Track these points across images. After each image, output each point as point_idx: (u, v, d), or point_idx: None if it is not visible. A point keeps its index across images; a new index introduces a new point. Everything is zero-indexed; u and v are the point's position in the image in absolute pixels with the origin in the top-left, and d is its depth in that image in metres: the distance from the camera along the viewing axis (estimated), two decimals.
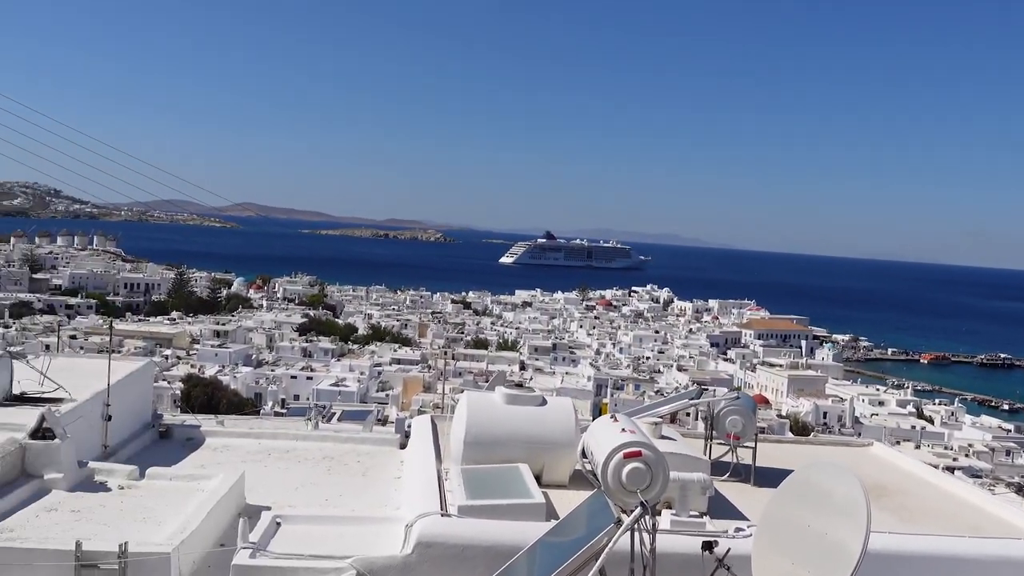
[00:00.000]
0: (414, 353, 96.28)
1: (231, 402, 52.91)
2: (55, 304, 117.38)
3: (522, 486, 8.23)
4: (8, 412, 10.42)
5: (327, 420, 26.42)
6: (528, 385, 10.35)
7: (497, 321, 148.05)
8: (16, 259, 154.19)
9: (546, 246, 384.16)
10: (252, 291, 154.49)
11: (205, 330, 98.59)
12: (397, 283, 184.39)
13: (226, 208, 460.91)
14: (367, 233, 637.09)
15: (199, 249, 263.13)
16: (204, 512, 8.45)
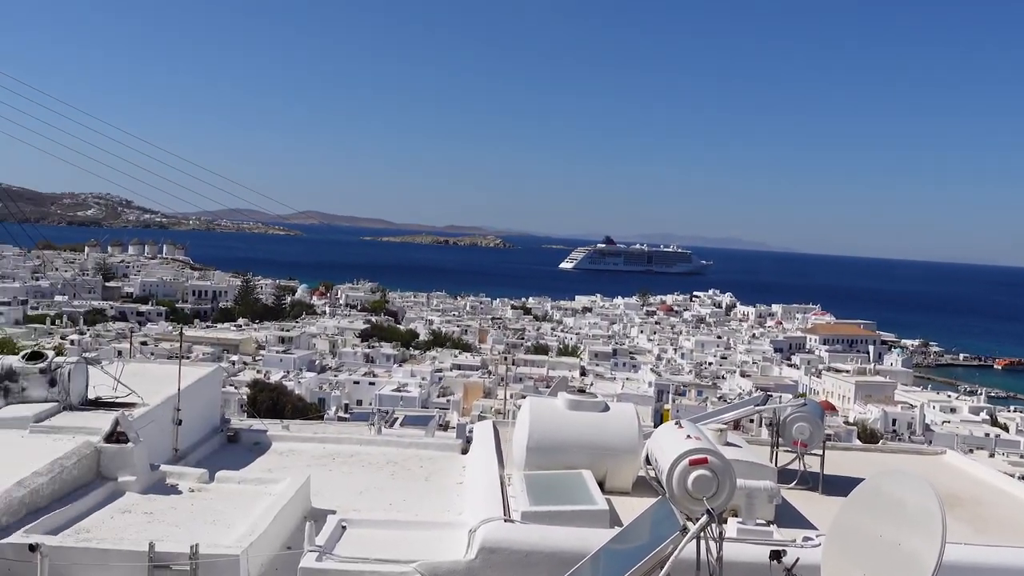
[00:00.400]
0: (474, 359, 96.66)
1: (295, 407, 53.71)
2: (127, 311, 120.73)
3: (585, 492, 8.19)
4: (84, 416, 10.73)
5: (389, 425, 26.65)
6: (590, 391, 10.31)
7: (557, 327, 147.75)
8: (90, 268, 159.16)
9: (606, 251, 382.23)
10: (315, 298, 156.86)
11: (270, 336, 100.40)
12: (457, 289, 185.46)
13: (290, 216, 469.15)
14: (427, 239, 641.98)
15: (264, 257, 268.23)
16: (272, 515, 8.59)
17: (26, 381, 10.89)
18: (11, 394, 10.88)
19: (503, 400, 61.79)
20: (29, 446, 9.77)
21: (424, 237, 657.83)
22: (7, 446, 9.73)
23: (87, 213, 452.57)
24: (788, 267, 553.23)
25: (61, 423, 10.42)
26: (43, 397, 10.89)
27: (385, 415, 28.70)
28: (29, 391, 10.88)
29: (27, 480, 8.53)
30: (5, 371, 10.92)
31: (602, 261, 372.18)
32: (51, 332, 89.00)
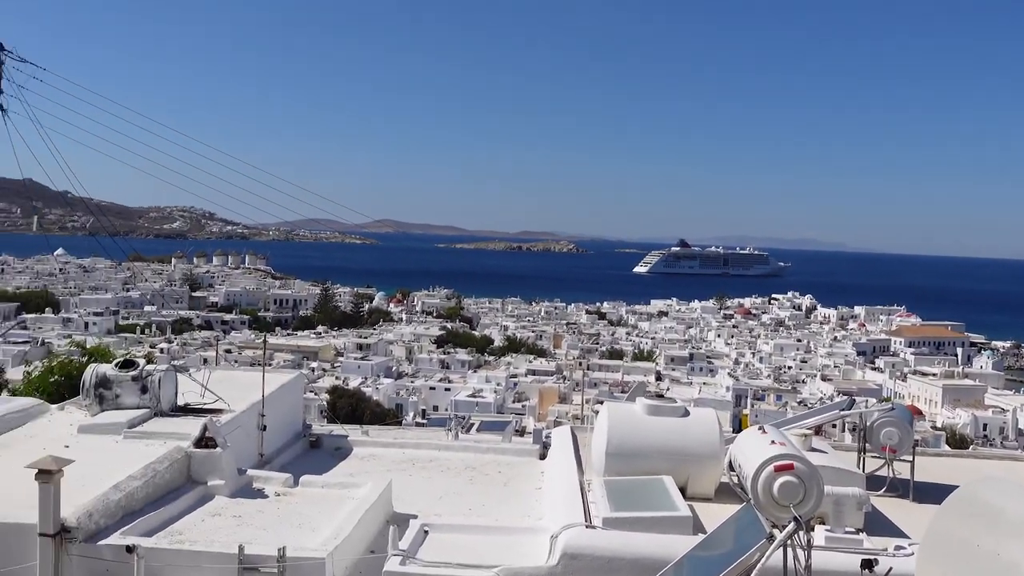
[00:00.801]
0: (549, 364, 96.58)
1: (374, 413, 54.47)
2: (212, 320, 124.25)
3: (667, 498, 8.11)
4: (174, 422, 11.08)
5: (466, 431, 26.80)
6: (669, 396, 10.20)
7: (632, 331, 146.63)
8: (177, 279, 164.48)
9: (680, 254, 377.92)
10: (392, 305, 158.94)
11: (349, 343, 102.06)
12: (531, 295, 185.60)
13: (366, 225, 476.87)
14: (501, 246, 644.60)
15: (341, 265, 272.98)
16: (355, 519, 8.73)
17: (120, 388, 11.30)
18: (106, 401, 11.29)
19: (580, 405, 61.59)
20: (124, 451, 10.13)
21: (497, 243, 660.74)
22: (103, 451, 10.11)
23: (172, 226, 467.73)
24: (868, 267, 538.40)
25: (153, 429, 10.78)
26: (136, 404, 11.28)
27: (462, 421, 28.75)
28: (123, 398, 11.28)
29: (123, 484, 8.84)
30: (100, 379, 11.35)
31: (677, 264, 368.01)
32: (141, 341, 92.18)
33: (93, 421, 11.04)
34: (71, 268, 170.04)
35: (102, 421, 10.96)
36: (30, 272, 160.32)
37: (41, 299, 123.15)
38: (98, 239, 32.20)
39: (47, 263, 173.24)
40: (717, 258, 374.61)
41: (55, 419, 11.88)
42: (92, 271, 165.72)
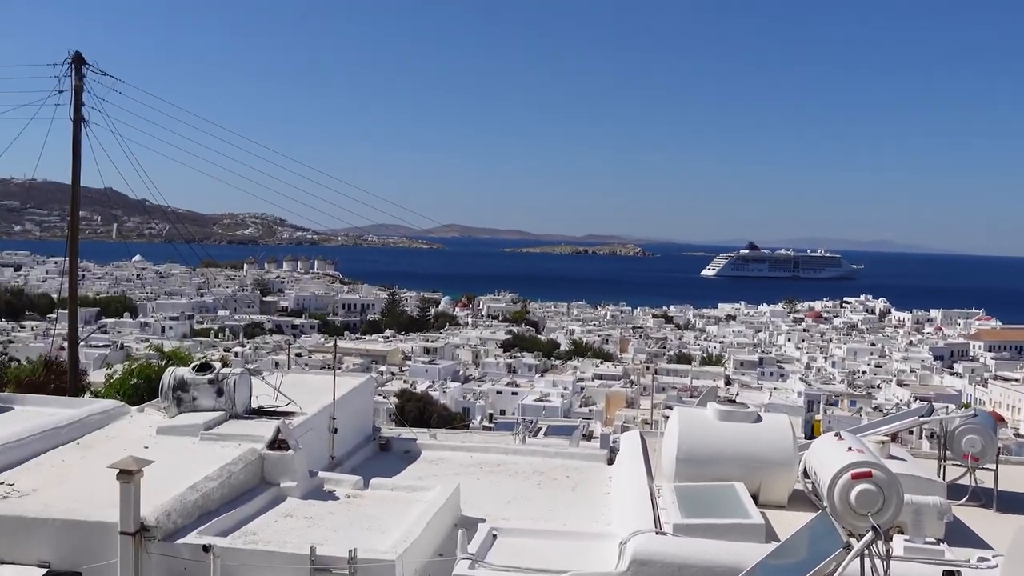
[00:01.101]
0: (616, 368, 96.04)
1: (441, 416, 54.84)
2: (283, 324, 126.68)
3: (739, 505, 7.97)
4: (248, 424, 11.31)
5: (533, 435, 26.79)
6: (740, 401, 10.04)
7: (700, 335, 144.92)
8: (249, 284, 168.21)
9: (749, 257, 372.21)
10: (458, 309, 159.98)
11: (416, 347, 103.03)
12: (597, 298, 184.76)
13: (432, 230, 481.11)
14: (566, 250, 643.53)
15: (408, 270, 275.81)
16: (424, 522, 8.78)
17: (196, 391, 11.58)
18: (183, 403, 11.59)
19: (648, 410, 61.06)
20: (200, 452, 10.37)
21: (563, 247, 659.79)
22: (181, 452, 10.37)
23: (245, 232, 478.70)
24: (945, 269, 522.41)
25: (228, 431, 11.01)
26: (211, 406, 11.54)
27: (529, 425, 28.77)
28: (199, 400, 11.56)
29: (199, 484, 9.05)
30: (178, 382, 11.65)
31: (745, 267, 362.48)
32: (215, 345, 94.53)
33: (171, 423, 11.33)
34: (148, 274, 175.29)
35: (180, 423, 11.25)
36: (109, 278, 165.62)
37: (120, 304, 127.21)
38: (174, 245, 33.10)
39: (126, 269, 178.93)
40: (787, 261, 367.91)
41: (135, 421, 12.23)
42: (168, 277, 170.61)
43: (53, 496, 8.98)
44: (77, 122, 23.07)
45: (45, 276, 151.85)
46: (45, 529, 8.28)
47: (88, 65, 23.37)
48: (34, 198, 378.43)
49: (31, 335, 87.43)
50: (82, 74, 23.16)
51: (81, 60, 23.32)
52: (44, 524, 8.30)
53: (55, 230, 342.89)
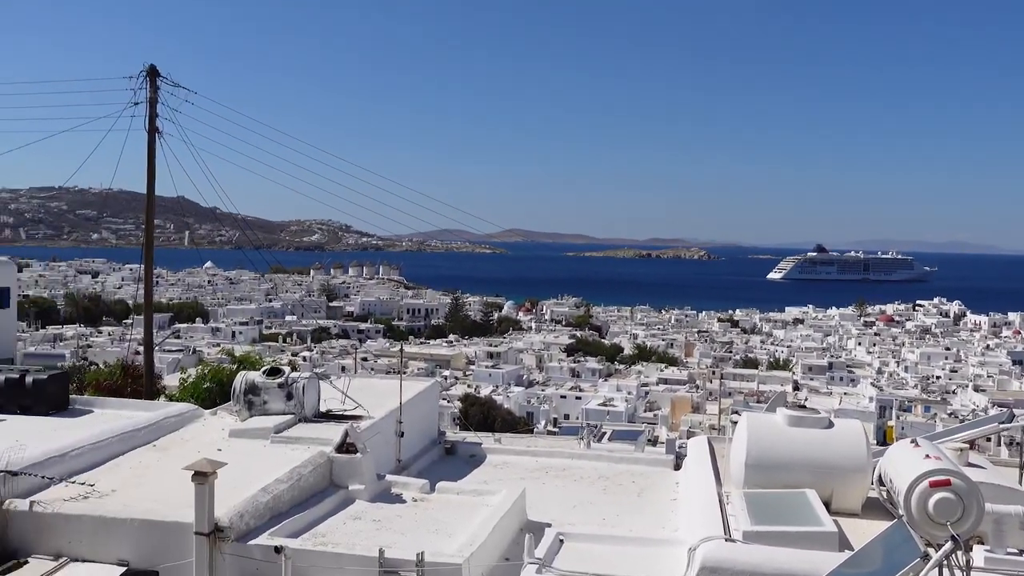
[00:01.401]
0: (681, 373, 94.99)
1: (505, 420, 54.93)
2: (348, 329, 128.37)
3: (810, 513, 7.80)
4: (317, 428, 11.49)
5: (598, 439, 26.63)
6: (811, 406, 9.84)
7: (767, 339, 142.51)
8: (315, 289, 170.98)
9: (817, 260, 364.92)
10: (521, 313, 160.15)
11: (479, 351, 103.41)
12: (661, 302, 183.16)
13: (495, 235, 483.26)
14: (629, 253, 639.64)
15: (471, 275, 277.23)
16: (490, 526, 8.81)
17: (267, 395, 11.82)
18: (254, 407, 11.83)
19: (714, 415, 60.30)
20: (271, 455, 10.57)
21: (626, 251, 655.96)
22: (252, 455, 10.58)
23: (311, 238, 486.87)
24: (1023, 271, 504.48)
25: (297, 434, 11.21)
26: (281, 409, 11.77)
27: (594, 429, 28.62)
28: (270, 404, 11.79)
29: (270, 487, 9.22)
30: (249, 386, 11.90)
31: (813, 270, 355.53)
32: (283, 350, 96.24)
33: (243, 426, 11.58)
34: (219, 280, 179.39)
35: (251, 426, 11.49)
36: (182, 284, 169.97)
37: (192, 309, 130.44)
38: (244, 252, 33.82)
39: (197, 275, 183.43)
40: (857, 263, 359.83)
41: (208, 424, 12.53)
42: (238, 283, 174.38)
43: (131, 497, 9.25)
44: (152, 133, 23.75)
45: (121, 283, 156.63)
46: (124, 529, 8.54)
47: (162, 77, 24.06)
48: (110, 207, 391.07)
49: (108, 340, 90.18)
50: (156, 86, 23.85)
51: (155, 73, 24.02)
52: (123, 524, 8.56)
53: (130, 238, 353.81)
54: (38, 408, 12.45)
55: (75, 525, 8.64)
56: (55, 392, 12.85)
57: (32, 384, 12.53)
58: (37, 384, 12.56)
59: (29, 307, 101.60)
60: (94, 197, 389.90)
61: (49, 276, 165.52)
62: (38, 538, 8.72)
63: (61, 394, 13.06)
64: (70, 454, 10.12)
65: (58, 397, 12.91)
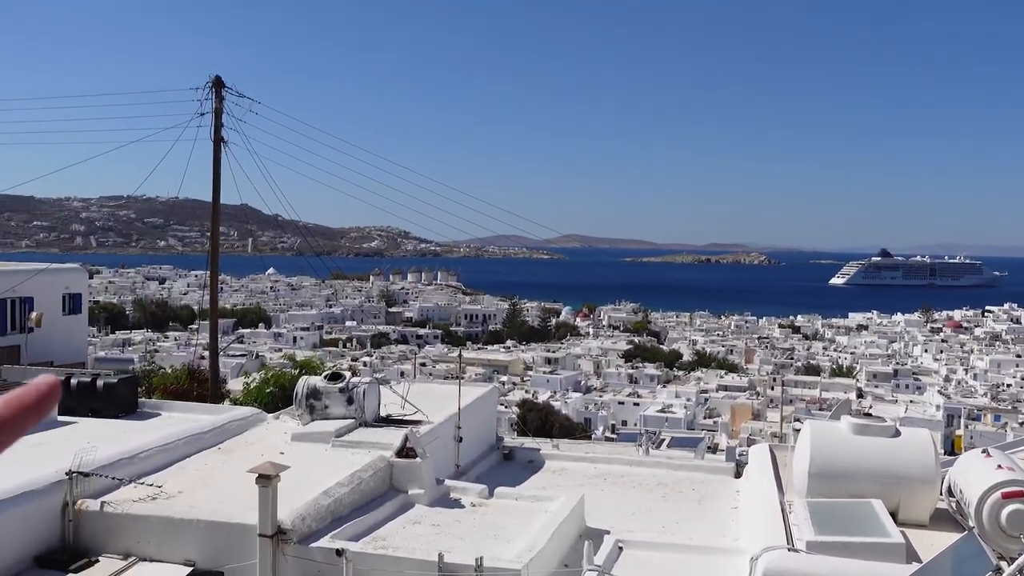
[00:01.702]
0: (741, 379, 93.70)
1: (562, 426, 54.76)
2: (407, 334, 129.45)
3: (877, 523, 7.63)
4: (377, 432, 11.61)
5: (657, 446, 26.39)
6: (876, 414, 9.62)
7: (829, 346, 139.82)
8: (375, 295, 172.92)
9: (881, 264, 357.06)
10: (579, 319, 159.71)
11: (537, 357, 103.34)
12: (721, 308, 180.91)
13: (553, 240, 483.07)
14: (688, 259, 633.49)
15: (529, 280, 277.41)
16: (549, 532, 8.79)
17: (328, 399, 11.99)
18: (316, 411, 12.01)
19: (776, 423, 59.33)
20: (332, 458, 10.72)
21: (685, 256, 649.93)
22: (314, 458, 10.74)
23: (371, 245, 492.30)
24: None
25: (358, 438, 11.35)
26: (342, 414, 11.92)
27: (652, 436, 28.39)
28: (331, 408, 11.96)
29: (332, 490, 9.35)
30: (311, 390, 12.08)
31: (878, 275, 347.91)
32: (343, 355, 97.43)
33: (304, 430, 11.76)
34: (281, 286, 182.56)
35: (313, 430, 11.66)
36: (245, 290, 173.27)
37: (255, 315, 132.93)
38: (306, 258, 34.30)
39: (260, 282, 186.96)
40: (923, 268, 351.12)
41: (271, 427, 12.75)
42: (299, 289, 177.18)
43: (198, 498, 9.46)
44: (217, 142, 24.29)
45: (187, 289, 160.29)
46: (191, 529, 8.73)
47: (227, 88, 24.60)
48: (176, 215, 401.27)
49: (174, 345, 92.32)
50: (222, 97, 24.39)
51: (221, 84, 24.56)
52: (190, 525, 8.75)
53: (195, 245, 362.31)
54: (108, 411, 12.81)
55: (143, 525, 8.86)
56: (125, 395, 13.20)
57: (103, 387, 12.89)
58: (108, 388, 12.92)
59: (99, 312, 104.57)
60: (161, 205, 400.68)
61: (118, 282, 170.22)
62: (108, 538, 8.96)
63: (130, 397, 13.42)
64: (139, 456, 10.39)
65: (127, 400, 13.27)
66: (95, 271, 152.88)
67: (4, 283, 26.50)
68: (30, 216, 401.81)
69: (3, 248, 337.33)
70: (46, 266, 30.34)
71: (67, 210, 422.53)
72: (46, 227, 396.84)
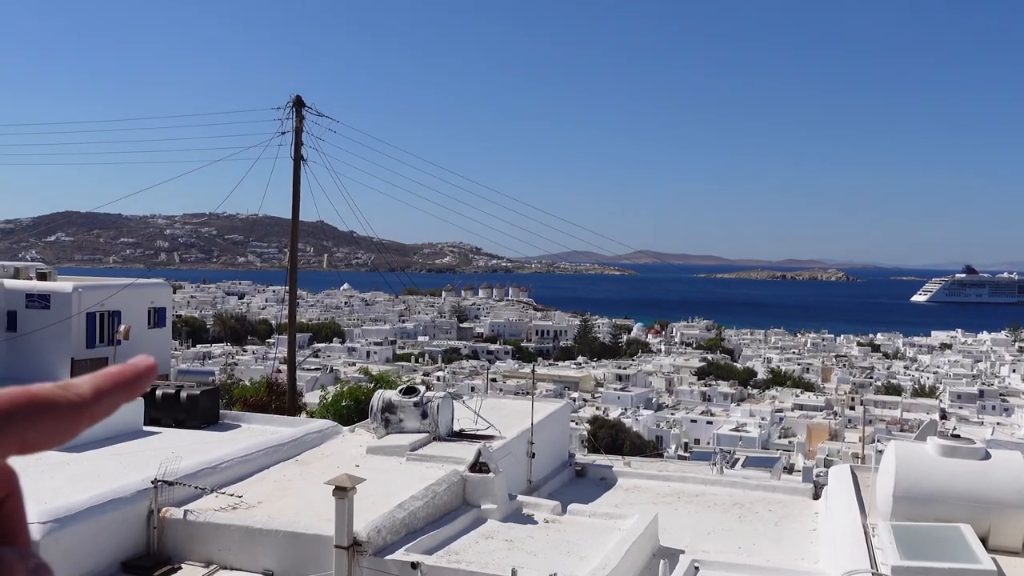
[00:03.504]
0: (817, 399, 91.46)
1: (633, 444, 54.23)
2: (478, 350, 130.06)
3: (965, 549, 7.35)
4: (451, 446, 11.69)
5: (731, 465, 25.92)
6: (966, 436, 9.28)
7: (911, 365, 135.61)
8: (446, 310, 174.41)
9: (966, 281, 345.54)
10: (650, 336, 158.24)
11: (608, 374, 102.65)
12: (797, 325, 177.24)
13: (624, 256, 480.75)
14: (763, 275, 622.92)
15: (600, 296, 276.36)
16: (623, 550, 8.71)
17: (403, 413, 12.12)
18: (391, 424, 12.15)
19: (855, 443, 57.76)
20: (406, 472, 10.82)
21: (759, 272, 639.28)
22: (389, 471, 10.86)
23: (443, 261, 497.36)
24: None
25: (432, 452, 11.44)
26: (416, 428, 12.04)
27: (727, 455, 27.96)
28: (405, 422, 12.09)
29: (406, 503, 9.43)
30: (386, 404, 12.24)
31: (962, 293, 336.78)
32: (415, 369, 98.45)
33: (380, 443, 11.90)
34: (355, 301, 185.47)
35: (388, 443, 11.80)
36: (320, 305, 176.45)
37: (329, 330, 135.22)
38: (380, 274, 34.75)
39: (335, 297, 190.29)
40: (1010, 285, 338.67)
41: (347, 440, 12.95)
42: (373, 304, 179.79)
43: (276, 508, 9.65)
44: (297, 160, 24.85)
45: (265, 304, 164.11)
46: (269, 539, 8.90)
47: (307, 107, 25.18)
48: (256, 231, 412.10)
49: (252, 358, 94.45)
50: (302, 116, 24.97)
51: (301, 103, 25.16)
52: (269, 535, 8.93)
53: (273, 260, 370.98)
54: (191, 422, 13.18)
55: (224, 534, 9.07)
56: (207, 407, 13.57)
57: (186, 399, 13.27)
58: (191, 399, 13.29)
59: (181, 326, 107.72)
60: (241, 222, 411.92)
61: (199, 297, 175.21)
62: (190, 545, 9.20)
63: (212, 409, 13.78)
64: (221, 466, 10.65)
65: (210, 412, 13.63)
66: (178, 286, 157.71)
67: (94, 297, 27.55)
68: (117, 233, 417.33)
69: (92, 263, 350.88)
70: (133, 281, 31.43)
71: (152, 227, 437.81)
72: (132, 243, 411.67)
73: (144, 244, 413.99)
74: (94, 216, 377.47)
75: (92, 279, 34.20)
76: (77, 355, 27.07)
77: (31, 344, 27.13)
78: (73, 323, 27.08)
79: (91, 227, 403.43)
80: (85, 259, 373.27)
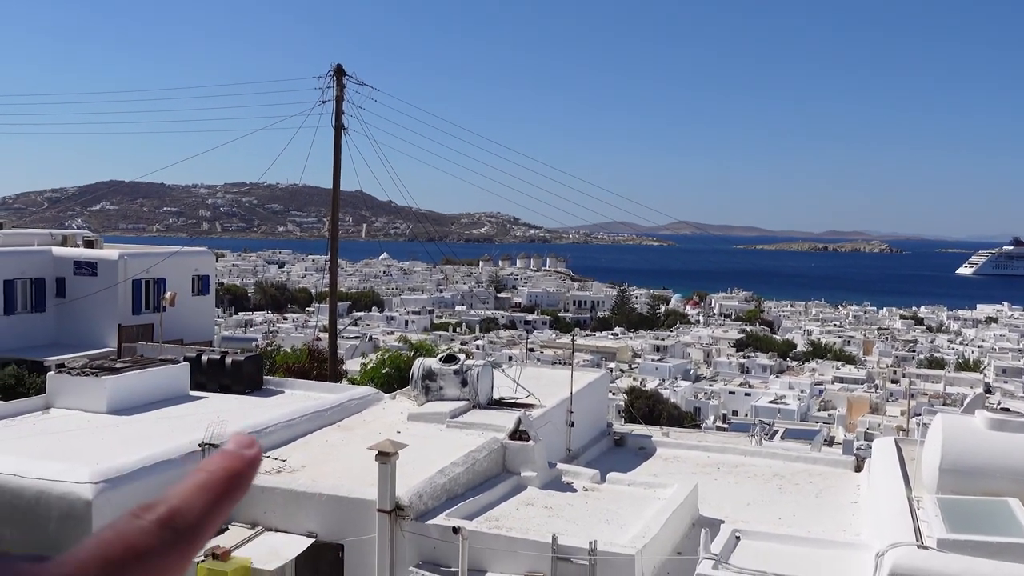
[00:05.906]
0: (859, 371, 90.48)
1: (671, 415, 54.11)
2: (516, 319, 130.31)
3: (1014, 523, 7.25)
4: (490, 414, 11.76)
5: (770, 437, 25.80)
6: (1015, 410, 9.13)
7: (955, 338, 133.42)
8: (484, 280, 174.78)
9: (1014, 254, 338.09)
10: (689, 307, 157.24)
11: (645, 345, 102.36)
12: (838, 298, 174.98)
13: (664, 227, 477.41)
14: (804, 247, 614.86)
15: (638, 267, 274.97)
16: (662, 519, 8.73)
17: (443, 381, 12.20)
18: (431, 392, 12.24)
19: (896, 416, 57.11)
20: (446, 439, 10.91)
21: (801, 244, 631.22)
22: (430, 438, 10.96)
23: (481, 231, 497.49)
24: None
25: (472, 420, 11.52)
26: (456, 395, 12.12)
27: (766, 427, 27.81)
28: (445, 390, 12.17)
29: (447, 469, 9.52)
30: (426, 371, 12.33)
31: (1010, 265, 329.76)
32: (452, 339, 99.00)
33: (420, 410, 12.01)
34: (393, 271, 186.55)
35: (428, 410, 11.90)
36: (359, 275, 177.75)
37: (368, 299, 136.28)
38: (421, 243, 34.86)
39: (374, 266, 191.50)
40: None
41: (388, 407, 13.08)
42: (411, 273, 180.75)
43: (320, 473, 9.80)
44: (338, 129, 24.91)
45: (304, 272, 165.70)
46: (313, 502, 9.05)
47: (348, 76, 25.18)
48: (296, 201, 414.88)
49: (292, 326, 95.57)
50: (343, 85, 24.98)
51: (342, 72, 25.16)
52: (312, 498, 9.08)
53: (313, 230, 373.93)
54: (236, 387, 13.40)
55: (270, 497, 9.23)
56: (251, 373, 13.78)
57: (231, 365, 13.48)
58: (236, 365, 13.50)
59: (223, 294, 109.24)
60: (281, 192, 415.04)
61: (241, 266, 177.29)
62: (237, 507, 9.39)
63: (256, 375, 13.99)
64: (265, 430, 10.82)
65: (254, 377, 13.84)
66: (220, 255, 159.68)
67: (140, 265, 28.00)
68: (161, 202, 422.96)
69: (137, 232, 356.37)
70: (178, 249, 31.89)
71: (195, 196, 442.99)
72: (175, 212, 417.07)
73: (187, 213, 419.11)
74: (138, 185, 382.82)
75: (137, 247, 34.75)
76: (124, 321, 27.59)
77: (79, 310, 27.70)
78: (120, 290, 27.57)
79: (135, 196, 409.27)
80: (129, 227, 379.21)
